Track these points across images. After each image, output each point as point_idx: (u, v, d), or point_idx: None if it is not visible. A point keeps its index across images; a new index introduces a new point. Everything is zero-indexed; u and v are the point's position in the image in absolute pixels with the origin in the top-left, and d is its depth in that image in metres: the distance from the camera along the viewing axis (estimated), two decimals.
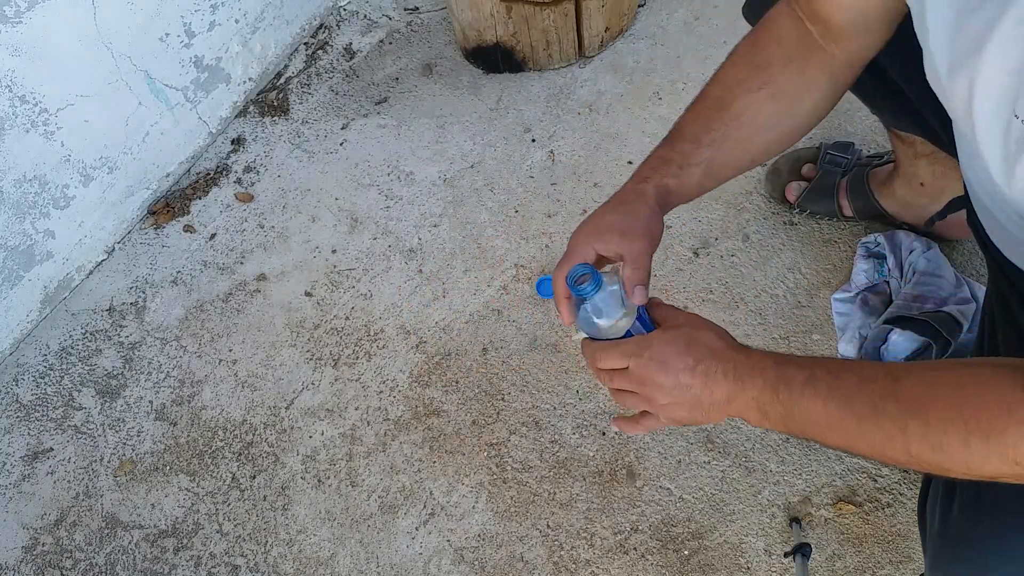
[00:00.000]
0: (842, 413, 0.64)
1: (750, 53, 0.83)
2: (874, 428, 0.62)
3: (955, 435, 0.58)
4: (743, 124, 0.81)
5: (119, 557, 1.25)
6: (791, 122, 0.83)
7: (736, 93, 0.81)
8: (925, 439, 0.60)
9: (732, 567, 1.13)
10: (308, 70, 1.76)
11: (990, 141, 0.58)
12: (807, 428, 0.66)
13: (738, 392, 0.69)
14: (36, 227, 1.40)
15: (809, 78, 0.81)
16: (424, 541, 1.20)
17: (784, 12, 0.83)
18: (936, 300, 1.18)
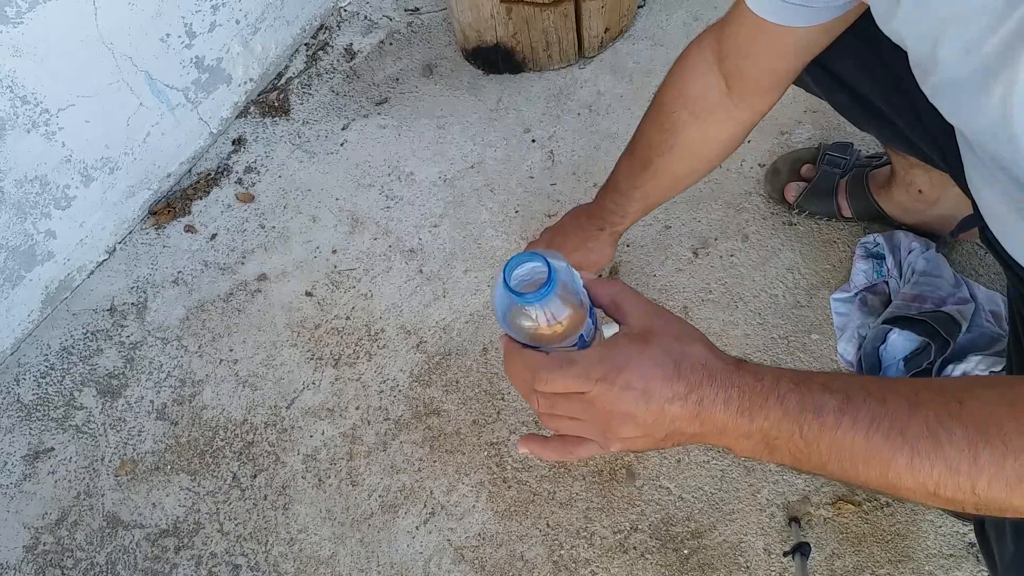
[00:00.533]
0: (893, 445, 0.51)
1: (660, 116, 0.99)
2: (934, 461, 0.50)
3: (991, 459, 0.49)
4: (661, 179, 1.03)
5: (120, 556, 1.25)
6: (702, 167, 1.02)
7: (651, 156, 1.01)
8: (1003, 469, 0.49)
9: (731, 566, 1.13)
10: (309, 71, 1.77)
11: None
12: (830, 463, 0.53)
13: (741, 425, 0.55)
14: (37, 227, 1.41)
15: (712, 135, 0.97)
16: (424, 540, 1.21)
17: (697, 57, 0.95)
18: (935, 300, 1.18)
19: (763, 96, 0.92)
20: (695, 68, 0.95)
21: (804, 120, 1.51)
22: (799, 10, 0.78)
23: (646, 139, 1.01)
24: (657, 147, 1.00)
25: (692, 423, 0.55)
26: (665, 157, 0.99)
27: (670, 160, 1.00)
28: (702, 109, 0.95)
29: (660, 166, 1.01)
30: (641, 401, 0.55)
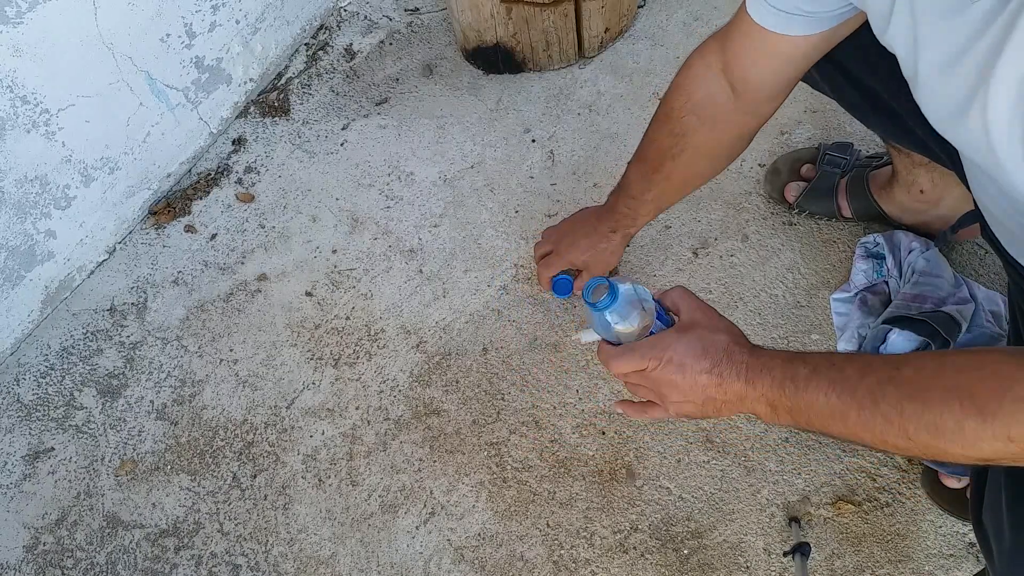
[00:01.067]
0: (844, 402, 0.66)
1: (669, 121, 1.02)
2: (874, 414, 0.64)
3: (951, 415, 0.60)
4: (673, 181, 1.07)
5: (120, 556, 1.25)
6: (713, 170, 1.07)
7: (663, 160, 1.05)
8: (922, 420, 0.61)
9: (731, 566, 1.13)
10: (309, 71, 1.77)
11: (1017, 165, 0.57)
12: (813, 420, 0.69)
13: (749, 391, 0.73)
14: (37, 227, 1.41)
15: (721, 138, 1.01)
16: (424, 540, 1.21)
17: (701, 65, 0.98)
18: (935, 300, 1.18)
19: (768, 100, 0.95)
20: (701, 76, 0.98)
21: (804, 120, 1.51)
22: (799, 19, 0.80)
23: (656, 144, 1.05)
24: (668, 151, 1.04)
25: (718, 390, 0.75)
26: (676, 160, 1.04)
27: (681, 163, 1.04)
28: (710, 114, 0.98)
29: (671, 169, 1.05)
30: (679, 373, 0.76)
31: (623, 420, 1.26)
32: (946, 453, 0.62)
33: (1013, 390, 0.57)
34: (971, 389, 0.59)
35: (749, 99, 0.95)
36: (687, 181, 1.09)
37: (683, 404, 0.78)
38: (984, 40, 0.54)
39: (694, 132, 1.00)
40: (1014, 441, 0.58)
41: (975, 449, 0.60)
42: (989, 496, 0.76)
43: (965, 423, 0.59)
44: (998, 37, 0.53)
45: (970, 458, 0.62)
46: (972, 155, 0.63)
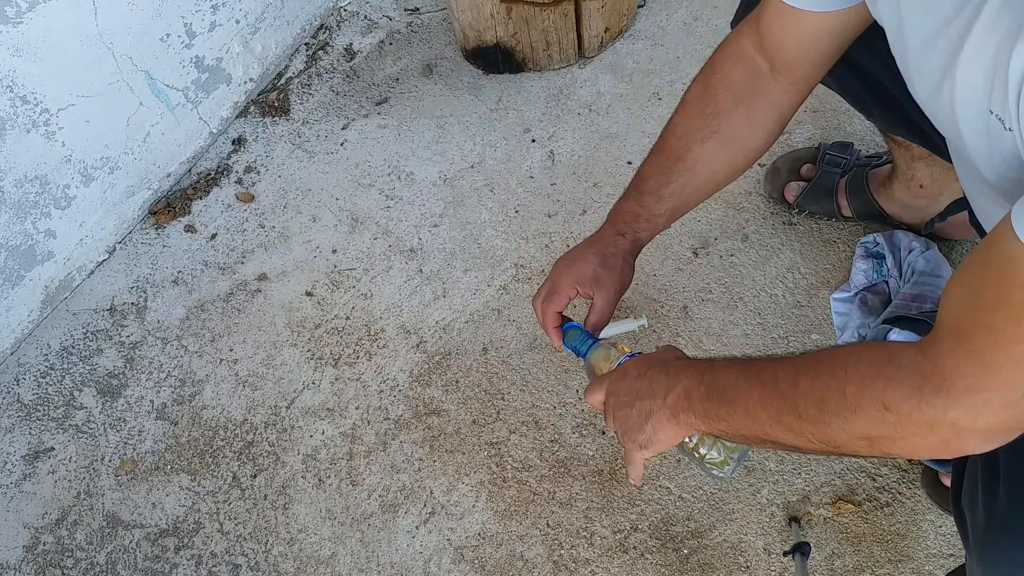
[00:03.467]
0: (749, 383, 0.72)
1: (701, 101, 0.93)
2: (772, 392, 0.69)
3: (835, 383, 0.64)
4: (698, 173, 0.94)
5: (120, 556, 1.25)
6: (743, 161, 0.96)
7: (689, 144, 0.93)
8: (811, 395, 0.66)
9: (731, 566, 1.13)
10: (309, 70, 1.77)
11: (976, 143, 0.61)
12: (724, 410, 0.74)
13: (672, 385, 0.78)
14: (37, 227, 1.41)
15: (757, 118, 0.93)
16: (424, 540, 1.21)
17: (736, 45, 0.94)
18: (935, 300, 1.18)
19: (805, 79, 0.91)
20: (737, 55, 0.93)
21: (804, 120, 1.51)
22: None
23: (682, 128, 0.95)
24: (697, 132, 0.93)
25: (648, 387, 0.81)
26: (706, 144, 0.93)
27: (710, 148, 0.93)
28: (747, 92, 0.92)
29: (699, 155, 0.93)
30: (619, 381, 0.84)
31: None
32: (829, 430, 0.65)
33: (893, 359, 0.61)
34: (858, 359, 0.64)
35: (788, 75, 0.91)
36: (713, 174, 0.95)
37: (621, 408, 0.82)
38: (957, 21, 0.55)
39: (729, 111, 0.92)
40: (888, 409, 0.60)
41: (856, 420, 0.63)
42: (967, 481, 0.77)
43: (847, 388, 0.63)
44: (968, 18, 0.54)
45: (853, 435, 0.64)
46: (944, 132, 0.65)
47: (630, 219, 0.97)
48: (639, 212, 0.97)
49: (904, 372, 0.60)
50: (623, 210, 0.99)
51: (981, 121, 0.57)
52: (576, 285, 0.97)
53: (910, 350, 0.61)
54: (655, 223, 0.97)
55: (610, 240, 0.98)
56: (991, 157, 0.60)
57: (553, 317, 0.99)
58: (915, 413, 0.59)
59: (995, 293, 0.54)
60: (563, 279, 0.98)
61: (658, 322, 1.33)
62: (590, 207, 1.48)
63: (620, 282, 0.97)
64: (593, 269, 0.96)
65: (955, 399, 0.56)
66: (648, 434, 0.80)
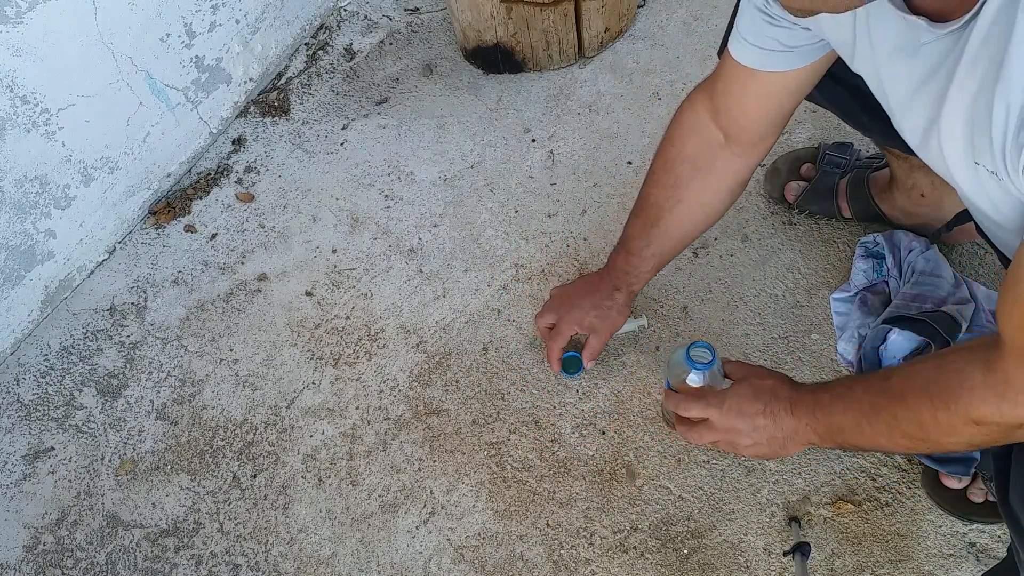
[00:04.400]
0: (856, 419, 0.80)
1: (663, 172, 1.05)
2: (877, 423, 0.77)
3: (927, 411, 0.71)
4: (671, 235, 1.09)
5: (120, 556, 1.25)
6: (710, 219, 1.08)
7: (660, 212, 1.07)
8: (910, 421, 0.73)
9: (731, 566, 1.13)
10: (309, 70, 1.77)
11: (972, 188, 0.67)
12: (846, 438, 0.83)
13: (796, 423, 0.88)
14: (37, 227, 1.41)
15: (714, 186, 1.03)
16: (424, 540, 1.21)
17: (691, 115, 1.01)
18: (935, 300, 1.18)
19: (760, 142, 0.98)
20: (691, 126, 1.01)
21: (804, 120, 1.51)
22: (782, 55, 0.84)
23: (652, 199, 1.07)
24: (664, 203, 1.06)
25: (775, 428, 0.90)
26: (673, 212, 1.06)
27: (677, 215, 1.06)
28: (703, 163, 1.01)
29: (669, 222, 1.07)
30: (739, 419, 0.92)
31: (623, 420, 1.26)
32: (940, 444, 0.73)
33: (967, 381, 0.67)
34: (937, 385, 0.70)
35: (742, 142, 0.98)
36: (685, 234, 1.10)
37: (755, 447, 0.93)
38: (933, 82, 0.62)
39: (688, 182, 1.03)
40: (979, 424, 0.67)
41: (956, 436, 0.70)
42: (1015, 478, 0.77)
43: (937, 415, 0.70)
44: (943, 79, 0.60)
45: (960, 444, 0.72)
46: (941, 176, 0.71)
47: (621, 275, 1.16)
48: (628, 270, 1.15)
49: (981, 393, 0.67)
50: (615, 266, 1.16)
51: (970, 170, 0.63)
52: (575, 327, 1.21)
53: (978, 369, 0.67)
54: (643, 277, 1.15)
55: (607, 293, 1.18)
56: (989, 200, 0.66)
57: (557, 352, 1.23)
58: (1006, 421, 0.66)
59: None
60: (565, 323, 1.20)
61: (658, 322, 1.33)
62: (590, 207, 1.48)
63: (612, 329, 1.21)
64: (590, 320, 1.19)
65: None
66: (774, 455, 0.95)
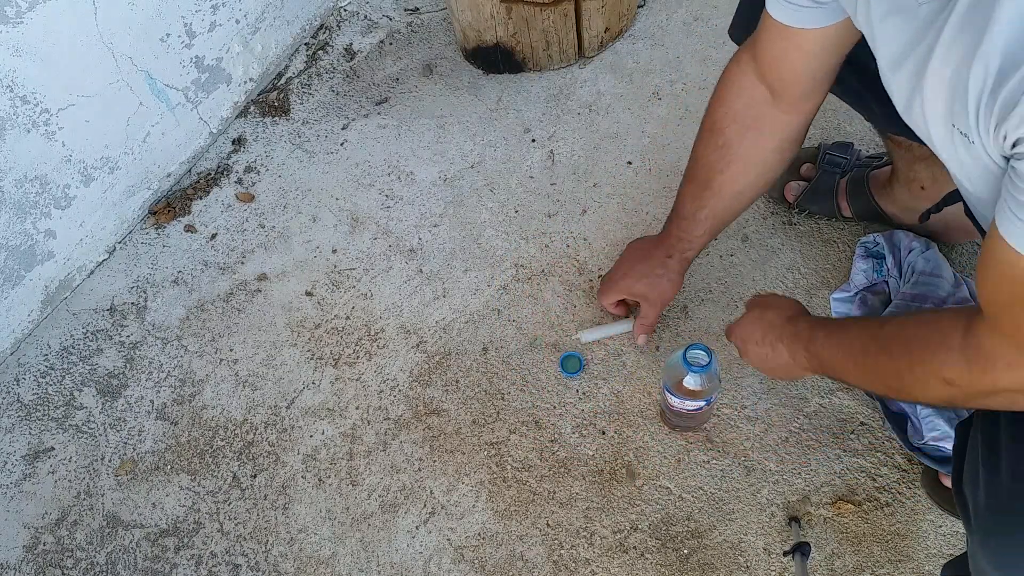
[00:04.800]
0: (845, 360, 0.86)
1: (712, 134, 1.03)
2: (864, 366, 0.83)
3: (906, 364, 0.75)
4: (724, 196, 1.07)
5: (120, 556, 1.25)
6: (764, 180, 1.06)
7: (711, 174, 1.05)
8: (891, 371, 0.78)
9: (731, 566, 1.14)
10: (309, 70, 1.77)
11: (949, 154, 0.68)
12: (837, 374, 0.90)
13: (791, 355, 0.94)
14: (37, 227, 1.41)
15: (766, 145, 1.01)
16: (424, 540, 1.21)
17: (736, 74, 1.00)
18: (935, 300, 1.18)
19: (806, 99, 0.96)
20: (738, 84, 0.99)
21: None
22: (811, 11, 0.84)
23: (703, 161, 1.06)
24: (715, 165, 1.04)
25: (774, 357, 0.97)
26: (725, 174, 1.04)
27: (730, 175, 1.04)
28: (752, 121, 1.00)
29: (721, 183, 1.05)
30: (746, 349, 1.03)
31: (623, 420, 1.26)
32: (913, 396, 0.80)
33: (946, 342, 0.70)
34: (920, 342, 0.74)
35: (788, 98, 0.96)
36: (739, 195, 1.07)
37: (766, 371, 1.02)
38: (921, 45, 0.62)
39: (739, 141, 1.01)
40: (950, 384, 0.71)
41: (928, 391, 0.75)
42: (968, 465, 0.80)
43: (914, 369, 0.74)
44: (930, 42, 0.61)
45: (931, 399, 0.77)
46: (924, 142, 0.72)
47: (675, 242, 1.15)
48: (681, 236, 1.13)
49: (956, 356, 0.70)
50: (669, 233, 1.15)
51: (947, 134, 0.64)
52: (626, 295, 1.23)
53: (958, 333, 0.70)
54: (697, 242, 1.13)
55: (660, 260, 1.17)
56: (963, 167, 0.67)
57: (608, 307, 1.28)
58: (973, 386, 0.70)
59: (1008, 289, 0.62)
60: (616, 287, 1.24)
61: (658, 322, 1.33)
62: (590, 207, 1.48)
63: (664, 298, 1.20)
64: (640, 288, 1.20)
65: (1000, 375, 0.67)
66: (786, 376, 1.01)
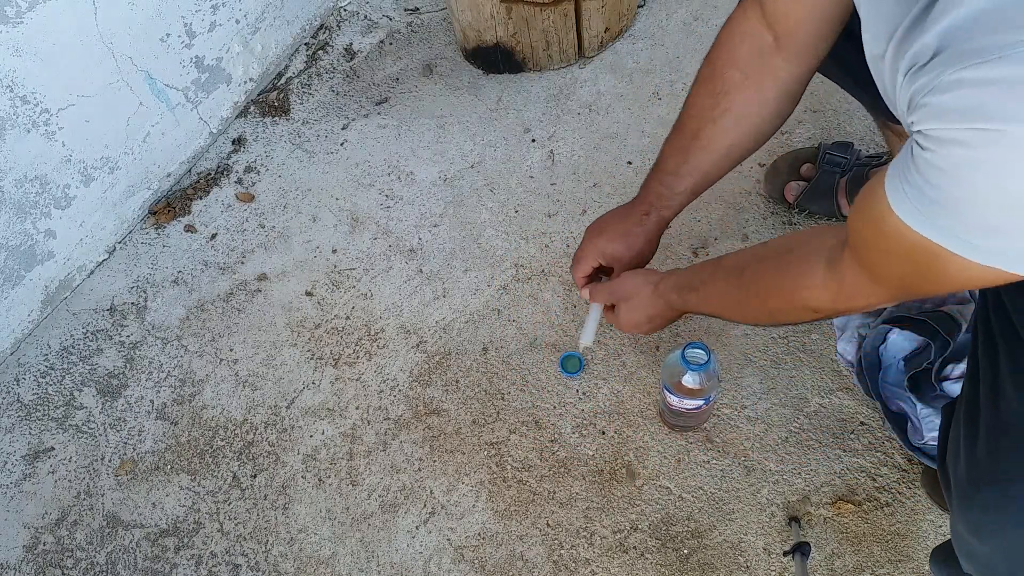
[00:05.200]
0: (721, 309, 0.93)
1: (711, 80, 0.97)
2: (739, 312, 0.91)
3: (774, 302, 0.84)
4: (713, 151, 0.99)
5: (120, 556, 1.25)
6: (755, 137, 0.99)
7: (702, 123, 0.98)
8: (763, 312, 0.87)
9: (731, 566, 1.13)
10: (309, 70, 1.77)
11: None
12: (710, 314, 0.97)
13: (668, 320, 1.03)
14: (37, 227, 1.41)
15: (766, 94, 0.95)
16: (424, 540, 1.21)
17: (742, 20, 0.95)
18: (935, 300, 1.18)
19: (810, 49, 0.92)
20: (743, 29, 0.94)
21: (804, 120, 1.51)
22: None
23: (695, 108, 0.99)
24: (708, 112, 0.97)
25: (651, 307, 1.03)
26: (717, 123, 0.97)
27: (722, 126, 0.97)
28: (754, 68, 0.94)
29: (711, 134, 0.98)
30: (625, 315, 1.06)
31: (623, 420, 1.26)
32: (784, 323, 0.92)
33: (808, 279, 0.78)
34: (783, 282, 0.82)
35: (793, 46, 0.92)
36: (728, 150, 0.99)
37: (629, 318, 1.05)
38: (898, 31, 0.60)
39: (737, 89, 0.95)
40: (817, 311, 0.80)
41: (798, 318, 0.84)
42: (951, 441, 0.82)
43: (783, 306, 0.83)
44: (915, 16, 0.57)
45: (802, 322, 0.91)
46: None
47: (654, 199, 1.05)
48: (661, 191, 1.04)
49: (820, 292, 0.77)
50: (648, 189, 1.07)
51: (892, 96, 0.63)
52: (599, 258, 1.11)
53: (820, 268, 0.76)
54: (678, 200, 1.04)
55: (636, 219, 1.07)
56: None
57: (581, 279, 1.14)
58: (837, 310, 0.78)
59: (874, 231, 0.65)
60: (588, 252, 1.11)
61: None
62: (590, 207, 1.48)
63: (638, 259, 1.10)
64: (614, 247, 1.09)
65: (860, 301, 0.74)
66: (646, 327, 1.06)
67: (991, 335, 0.77)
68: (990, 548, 0.75)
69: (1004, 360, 0.75)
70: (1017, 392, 0.73)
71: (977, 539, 0.76)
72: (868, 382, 1.17)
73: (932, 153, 0.52)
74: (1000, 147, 0.48)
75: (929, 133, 0.52)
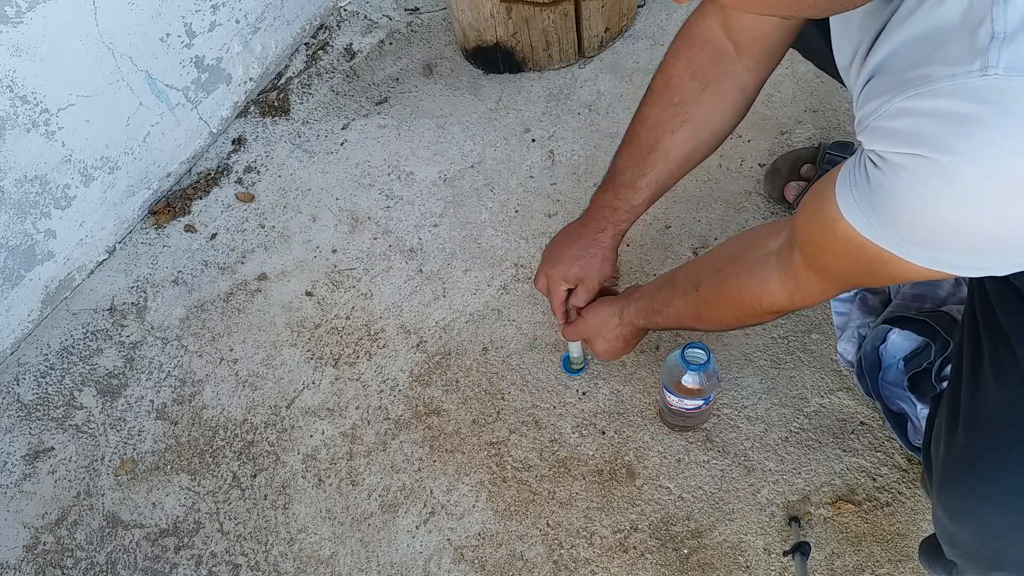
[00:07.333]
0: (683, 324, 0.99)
1: (668, 89, 0.96)
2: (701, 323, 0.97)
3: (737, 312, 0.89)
4: (671, 159, 0.98)
5: (120, 556, 1.25)
6: (713, 143, 1.00)
7: (660, 134, 0.97)
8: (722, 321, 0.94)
9: (731, 566, 1.14)
10: (309, 70, 1.77)
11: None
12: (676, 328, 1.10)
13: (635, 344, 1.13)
14: (37, 227, 1.41)
15: (724, 101, 0.96)
16: (424, 540, 1.21)
17: (701, 26, 0.95)
18: (935, 300, 1.18)
19: (769, 56, 0.93)
20: (703, 38, 0.94)
21: (804, 120, 1.51)
22: None
23: (651, 121, 0.98)
24: (667, 123, 0.97)
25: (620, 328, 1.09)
26: (676, 133, 0.97)
27: (681, 136, 0.97)
28: (713, 76, 0.94)
29: (670, 144, 0.98)
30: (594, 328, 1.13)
31: (623, 420, 1.26)
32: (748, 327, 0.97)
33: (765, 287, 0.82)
34: (742, 295, 0.86)
35: (753, 53, 0.92)
36: (686, 159, 0.99)
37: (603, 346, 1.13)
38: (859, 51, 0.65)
39: (696, 98, 0.95)
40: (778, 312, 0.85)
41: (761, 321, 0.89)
42: (934, 430, 0.84)
43: (746, 315, 0.88)
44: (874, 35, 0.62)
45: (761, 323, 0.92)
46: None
47: (609, 213, 1.04)
48: (617, 205, 1.03)
49: (778, 296, 0.82)
50: (602, 203, 1.05)
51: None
52: (563, 282, 1.11)
53: (774, 274, 0.81)
54: (634, 212, 1.04)
55: (589, 239, 1.07)
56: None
57: (559, 310, 1.15)
58: (796, 308, 0.84)
59: (820, 231, 0.69)
60: (552, 280, 1.12)
61: None
62: None
63: (600, 276, 1.10)
64: (574, 272, 1.09)
65: (816, 298, 0.79)
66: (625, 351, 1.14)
67: (976, 328, 0.80)
68: (970, 534, 0.76)
69: (986, 352, 0.78)
70: (996, 382, 0.76)
71: (957, 525, 0.77)
72: (868, 382, 1.17)
73: (882, 173, 0.59)
74: (934, 175, 0.54)
75: (881, 153, 0.58)
